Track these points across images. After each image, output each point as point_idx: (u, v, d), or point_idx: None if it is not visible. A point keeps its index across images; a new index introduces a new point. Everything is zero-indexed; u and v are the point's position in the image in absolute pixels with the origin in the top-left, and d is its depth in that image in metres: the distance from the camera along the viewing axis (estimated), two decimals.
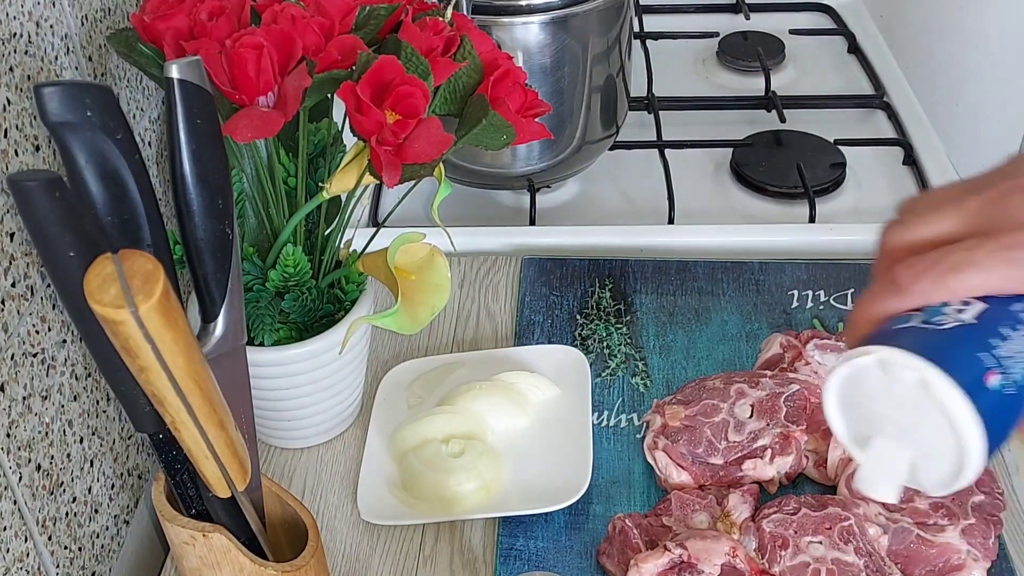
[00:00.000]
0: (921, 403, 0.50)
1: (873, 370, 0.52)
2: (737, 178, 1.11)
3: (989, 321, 0.51)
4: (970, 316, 0.51)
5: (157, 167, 0.85)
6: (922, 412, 0.50)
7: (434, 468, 0.77)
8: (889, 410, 0.52)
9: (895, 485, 0.53)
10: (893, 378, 0.51)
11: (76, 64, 0.72)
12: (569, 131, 1.03)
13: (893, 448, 0.53)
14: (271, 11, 0.68)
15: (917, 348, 0.50)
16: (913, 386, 0.50)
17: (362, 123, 0.66)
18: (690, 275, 0.97)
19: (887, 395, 0.52)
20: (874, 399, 0.53)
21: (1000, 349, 0.51)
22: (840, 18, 1.39)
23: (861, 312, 0.55)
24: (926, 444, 0.51)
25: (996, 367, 0.50)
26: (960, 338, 0.50)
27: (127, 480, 0.79)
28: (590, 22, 0.98)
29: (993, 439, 0.50)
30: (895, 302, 0.53)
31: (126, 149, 0.51)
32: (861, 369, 0.52)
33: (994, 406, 0.50)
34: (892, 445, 0.53)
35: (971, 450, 0.49)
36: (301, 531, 0.65)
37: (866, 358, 0.51)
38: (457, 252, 0.99)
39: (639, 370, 0.88)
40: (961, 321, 0.51)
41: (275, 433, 0.83)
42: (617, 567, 0.71)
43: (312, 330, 0.77)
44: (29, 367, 0.65)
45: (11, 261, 0.63)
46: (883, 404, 0.52)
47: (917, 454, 0.52)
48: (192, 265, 0.56)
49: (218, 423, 0.53)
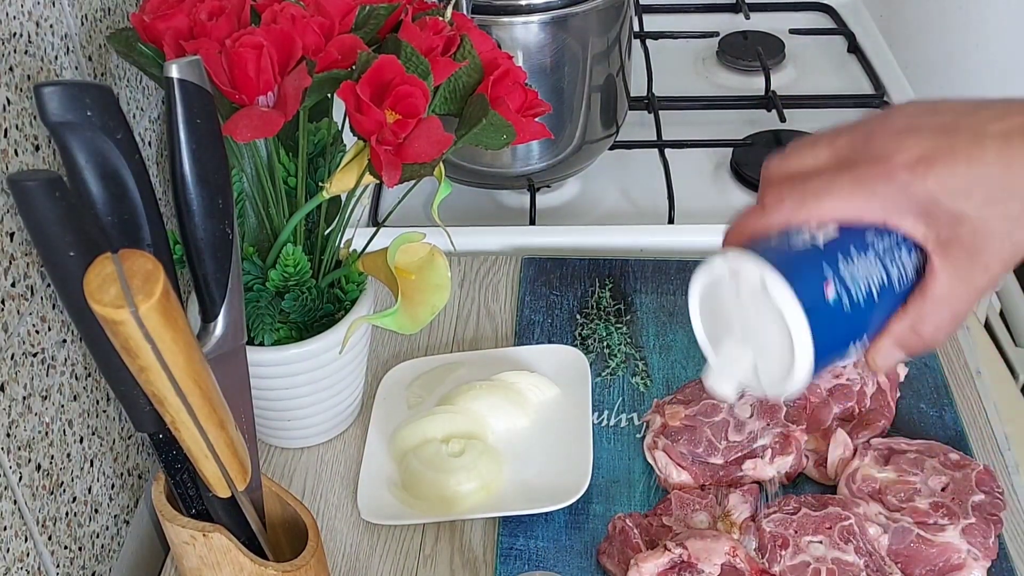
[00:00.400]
0: (763, 307, 0.54)
1: (725, 276, 0.56)
2: (737, 178, 1.11)
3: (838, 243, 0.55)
4: (822, 239, 0.55)
5: (157, 167, 0.85)
6: (764, 316, 0.54)
7: (434, 468, 0.77)
8: (738, 314, 0.57)
9: (735, 383, 0.58)
10: (742, 283, 0.55)
11: (76, 64, 0.72)
12: (569, 131, 1.03)
13: (738, 350, 0.57)
14: (271, 11, 0.68)
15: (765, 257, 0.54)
16: (757, 290, 0.54)
17: (362, 123, 0.66)
18: (690, 275, 0.95)
19: (737, 300, 0.56)
20: (726, 304, 0.57)
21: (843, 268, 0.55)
22: (840, 18, 1.39)
23: (733, 229, 0.59)
24: (766, 347, 0.56)
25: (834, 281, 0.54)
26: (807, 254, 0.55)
27: (127, 480, 0.79)
28: (590, 22, 0.98)
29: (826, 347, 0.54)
30: (760, 221, 0.57)
31: (126, 149, 0.51)
32: (716, 275, 0.57)
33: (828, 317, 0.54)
34: (738, 347, 0.57)
35: (800, 353, 0.53)
36: (301, 531, 0.65)
37: (719, 261, 0.56)
38: (457, 252, 0.99)
39: (639, 370, 0.88)
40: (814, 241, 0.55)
41: (275, 433, 0.83)
42: (617, 567, 0.71)
43: (312, 330, 0.77)
44: (29, 367, 0.65)
45: (11, 261, 0.63)
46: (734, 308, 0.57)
47: (758, 357, 0.56)
48: (192, 265, 0.56)
49: (218, 423, 0.53)
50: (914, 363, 0.86)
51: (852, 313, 0.55)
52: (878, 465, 0.75)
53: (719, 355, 0.58)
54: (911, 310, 0.57)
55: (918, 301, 0.56)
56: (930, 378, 0.85)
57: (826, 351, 0.54)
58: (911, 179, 0.54)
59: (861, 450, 0.76)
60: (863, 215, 0.56)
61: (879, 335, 0.57)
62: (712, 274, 0.57)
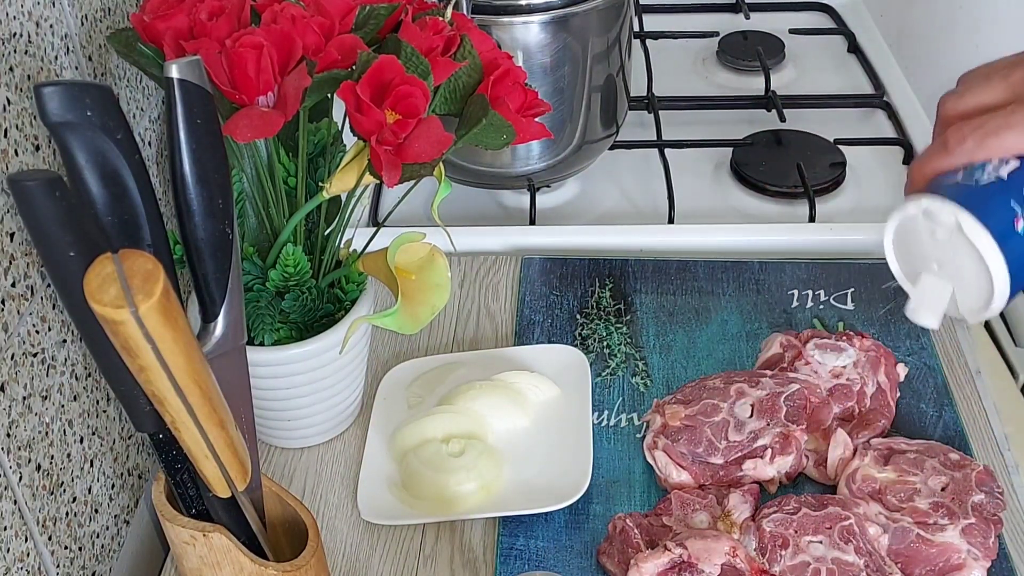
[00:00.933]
0: (958, 245, 0.60)
1: (919, 217, 0.62)
2: (737, 178, 1.11)
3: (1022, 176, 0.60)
4: (1006, 172, 0.60)
5: (157, 167, 0.85)
6: (959, 252, 0.61)
7: (434, 468, 0.77)
8: (933, 252, 0.63)
9: (938, 313, 0.64)
10: (935, 223, 0.61)
11: (76, 64, 0.72)
12: (569, 131, 1.03)
13: (936, 283, 0.63)
14: (271, 11, 0.68)
15: (956, 197, 0.60)
16: (952, 230, 0.60)
17: (362, 123, 0.66)
18: (690, 275, 0.97)
19: (931, 239, 0.62)
20: (921, 243, 0.63)
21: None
22: (840, 18, 1.39)
23: (915, 170, 0.64)
24: (963, 279, 0.62)
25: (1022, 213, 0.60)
26: (994, 189, 0.60)
27: (127, 480, 0.79)
28: (590, 22, 0.98)
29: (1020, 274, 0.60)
30: (943, 161, 0.62)
31: (126, 149, 0.51)
32: (909, 217, 0.63)
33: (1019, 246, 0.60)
34: (935, 281, 0.63)
35: (998, 282, 0.60)
36: (301, 531, 0.65)
37: (912, 206, 0.62)
38: (457, 252, 0.99)
39: (639, 370, 0.88)
40: (998, 177, 0.60)
41: (275, 433, 0.83)
42: (617, 567, 0.72)
43: (312, 330, 0.77)
44: (29, 367, 0.65)
45: (11, 261, 0.63)
46: (928, 247, 0.63)
47: (957, 288, 0.63)
48: (192, 265, 0.56)
49: (218, 423, 0.53)
50: (914, 363, 0.86)
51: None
52: (878, 465, 0.75)
53: (918, 289, 0.65)
54: None
55: None
56: (930, 378, 0.85)
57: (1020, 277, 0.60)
58: None
59: (861, 450, 0.76)
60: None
61: None
62: (905, 216, 0.63)
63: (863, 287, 0.94)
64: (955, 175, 0.62)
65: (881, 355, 0.83)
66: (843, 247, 1.01)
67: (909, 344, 0.88)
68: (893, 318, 0.91)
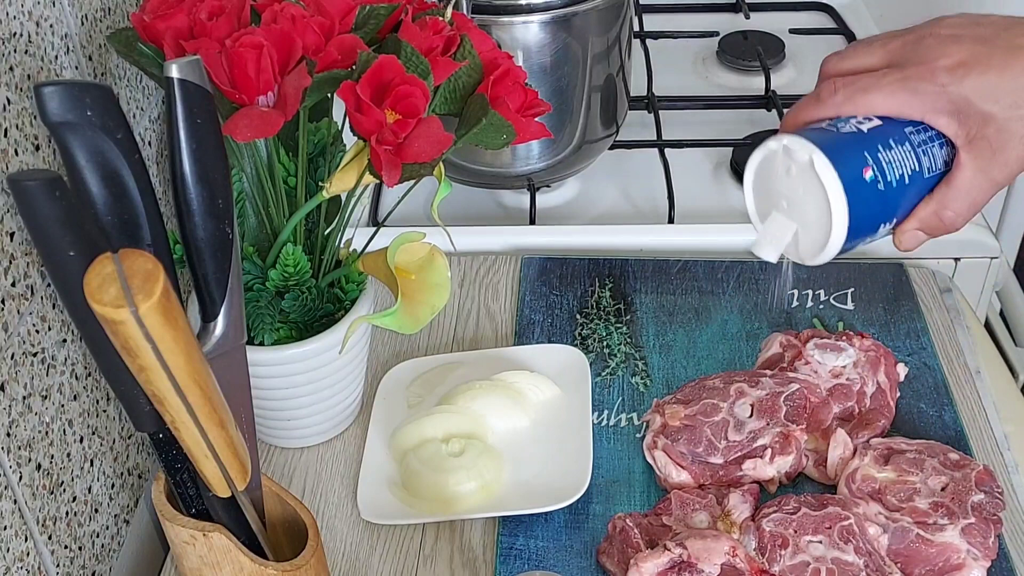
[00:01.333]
0: (809, 184, 0.63)
1: (779, 153, 0.65)
2: (737, 178, 1.11)
3: (880, 133, 0.64)
4: (866, 127, 0.65)
5: (157, 167, 0.85)
6: (809, 192, 0.64)
7: (434, 467, 0.77)
8: (786, 189, 0.66)
9: (777, 249, 0.67)
10: (792, 161, 0.64)
11: (76, 64, 0.72)
12: (569, 130, 1.03)
13: (783, 221, 0.67)
14: (271, 11, 0.68)
15: (815, 140, 0.63)
16: (805, 167, 0.63)
17: (362, 122, 0.66)
18: (690, 275, 0.97)
19: (786, 176, 0.65)
20: (777, 179, 0.66)
21: (881, 155, 0.64)
22: (840, 17, 1.39)
23: (788, 117, 0.69)
24: (808, 220, 0.65)
25: (873, 165, 0.63)
26: (852, 139, 0.64)
27: (127, 479, 0.79)
28: (590, 21, 0.98)
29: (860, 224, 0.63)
30: (814, 110, 0.67)
31: (126, 149, 0.51)
32: (771, 151, 0.66)
33: (864, 196, 0.63)
34: (783, 218, 0.67)
35: (837, 225, 0.63)
36: (301, 530, 0.65)
37: (773, 142, 0.66)
38: (457, 252, 0.99)
39: (639, 369, 0.88)
40: (858, 128, 0.65)
41: (275, 433, 0.83)
42: (617, 567, 0.72)
43: (312, 330, 0.77)
44: (29, 366, 0.65)
45: (11, 261, 0.63)
46: (783, 184, 0.66)
47: (800, 227, 0.66)
48: (192, 265, 0.56)
49: (218, 422, 0.53)
50: (914, 363, 0.86)
51: (885, 193, 0.64)
52: (878, 465, 0.75)
53: (766, 225, 0.68)
54: (936, 197, 0.66)
55: (943, 189, 0.66)
56: (930, 378, 0.85)
57: (860, 227, 0.64)
58: (950, 81, 0.63)
59: (861, 450, 0.76)
60: (904, 111, 0.64)
61: (907, 218, 0.67)
62: (767, 152, 0.66)
63: (863, 287, 0.94)
64: (821, 125, 0.66)
65: (881, 355, 0.83)
66: None
67: (909, 344, 0.88)
68: (893, 318, 0.91)
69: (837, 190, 0.62)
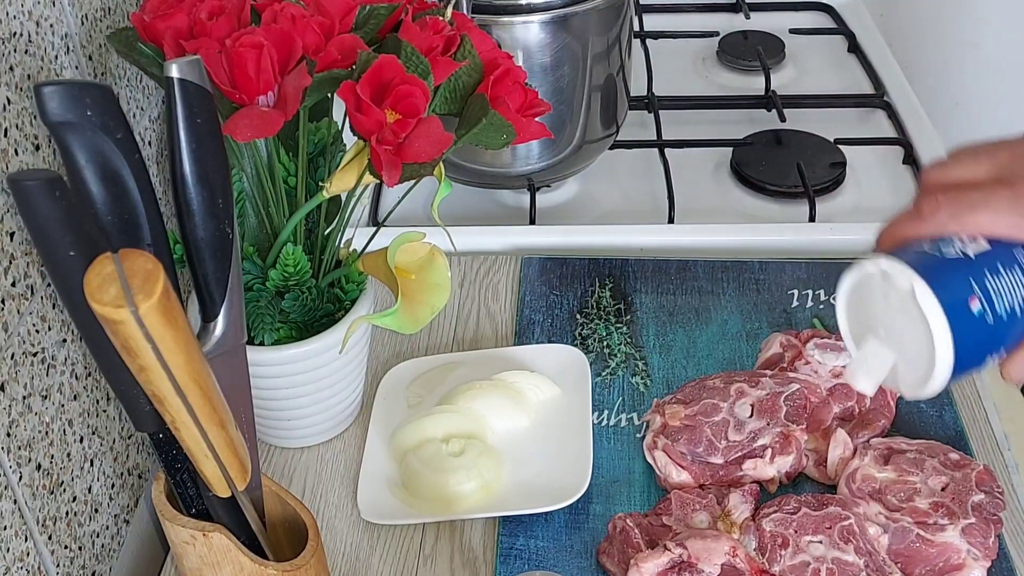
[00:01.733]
0: (910, 313, 0.57)
1: (876, 277, 0.59)
2: (737, 177, 1.11)
3: (988, 258, 0.58)
4: (972, 251, 0.58)
5: (157, 167, 0.85)
6: (909, 321, 0.57)
7: (434, 467, 0.77)
8: (884, 316, 0.60)
9: (875, 380, 0.61)
10: (891, 287, 0.58)
11: (76, 63, 0.72)
12: (569, 130, 1.03)
13: (881, 349, 0.60)
14: (271, 10, 0.68)
15: (916, 264, 0.57)
16: (906, 296, 0.57)
17: (362, 122, 0.66)
18: (690, 275, 0.97)
19: (884, 302, 0.59)
20: (874, 304, 0.60)
21: (989, 282, 0.57)
22: (840, 17, 1.39)
23: (885, 232, 0.62)
24: (908, 350, 0.59)
25: (981, 295, 0.57)
26: (956, 265, 0.57)
27: (127, 479, 0.79)
28: (590, 21, 0.98)
29: (965, 357, 0.57)
30: (913, 227, 0.60)
31: (126, 149, 0.51)
32: (867, 275, 0.60)
33: (970, 328, 0.57)
34: (881, 346, 0.60)
35: (940, 361, 0.56)
36: (301, 530, 0.65)
37: (871, 264, 0.59)
38: (457, 252, 0.99)
39: (639, 369, 0.88)
40: (964, 253, 0.58)
41: (275, 433, 0.83)
42: (617, 567, 0.71)
43: (312, 330, 0.77)
44: (29, 366, 0.65)
45: (11, 260, 0.63)
46: (881, 310, 0.60)
47: (900, 358, 0.60)
48: (192, 265, 0.56)
49: (218, 422, 0.53)
50: None
51: (994, 326, 0.57)
52: (878, 465, 0.75)
53: (861, 351, 0.61)
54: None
55: None
56: None
57: (965, 361, 0.57)
58: None
59: (861, 450, 0.76)
60: (1015, 234, 0.58)
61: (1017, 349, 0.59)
62: (863, 274, 0.60)
63: None
64: (922, 244, 0.59)
65: None
66: (843, 247, 1.01)
67: None
68: None
69: (941, 324, 0.56)
